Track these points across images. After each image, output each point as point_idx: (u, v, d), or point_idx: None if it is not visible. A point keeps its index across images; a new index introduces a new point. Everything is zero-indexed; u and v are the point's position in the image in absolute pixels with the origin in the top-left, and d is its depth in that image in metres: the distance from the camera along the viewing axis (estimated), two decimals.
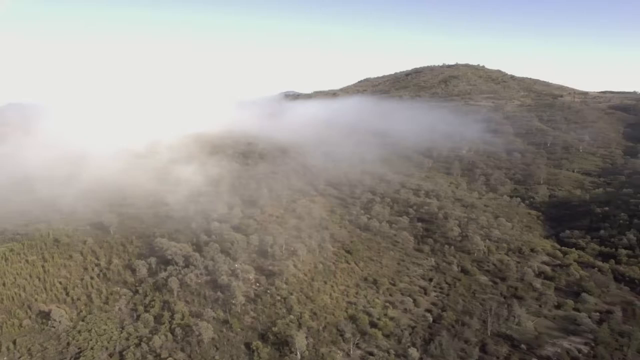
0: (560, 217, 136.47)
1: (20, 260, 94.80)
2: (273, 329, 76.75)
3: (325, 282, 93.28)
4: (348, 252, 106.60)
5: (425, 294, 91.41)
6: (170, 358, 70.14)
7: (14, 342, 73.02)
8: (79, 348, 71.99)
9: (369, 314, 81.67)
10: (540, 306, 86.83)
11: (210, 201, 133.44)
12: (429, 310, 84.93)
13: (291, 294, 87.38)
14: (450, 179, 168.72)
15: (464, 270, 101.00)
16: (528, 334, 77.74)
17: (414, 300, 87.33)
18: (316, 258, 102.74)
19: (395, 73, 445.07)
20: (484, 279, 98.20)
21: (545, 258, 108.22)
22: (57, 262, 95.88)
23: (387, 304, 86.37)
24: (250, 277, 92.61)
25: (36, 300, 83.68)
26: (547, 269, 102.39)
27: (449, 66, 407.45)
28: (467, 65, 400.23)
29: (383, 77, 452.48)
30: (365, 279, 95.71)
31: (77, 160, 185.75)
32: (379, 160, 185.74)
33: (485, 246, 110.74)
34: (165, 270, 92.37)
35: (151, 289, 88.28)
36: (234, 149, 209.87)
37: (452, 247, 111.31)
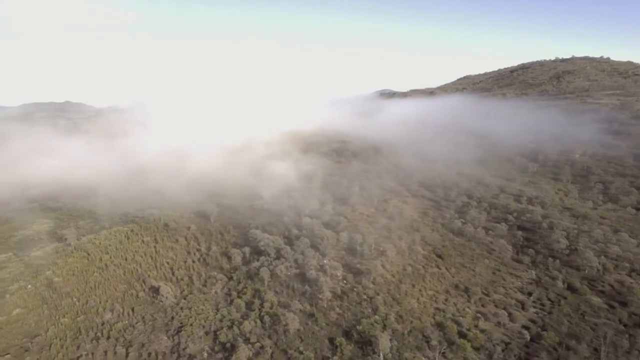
0: None
1: (137, 240, 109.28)
2: (357, 327, 77.73)
3: (413, 286, 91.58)
4: (439, 256, 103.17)
5: (523, 308, 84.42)
6: (258, 343, 75.10)
7: (133, 310, 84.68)
8: (181, 323, 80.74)
9: (458, 323, 78.33)
10: None
11: (303, 197, 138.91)
12: (526, 327, 78.41)
13: (378, 294, 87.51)
14: (558, 186, 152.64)
15: (571, 288, 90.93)
16: None
17: (509, 315, 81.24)
18: (405, 260, 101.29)
19: (499, 70, 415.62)
20: (597, 300, 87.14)
21: None
22: (166, 244, 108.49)
23: (479, 315, 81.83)
24: (338, 273, 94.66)
25: (149, 276, 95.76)
26: None
27: (563, 60, 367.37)
28: (586, 59, 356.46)
29: (485, 74, 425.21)
30: (456, 286, 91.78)
31: (183, 155, 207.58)
32: (476, 162, 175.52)
33: (599, 263, 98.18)
34: (257, 260, 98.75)
35: (244, 276, 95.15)
36: (327, 147, 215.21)
37: (558, 260, 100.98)
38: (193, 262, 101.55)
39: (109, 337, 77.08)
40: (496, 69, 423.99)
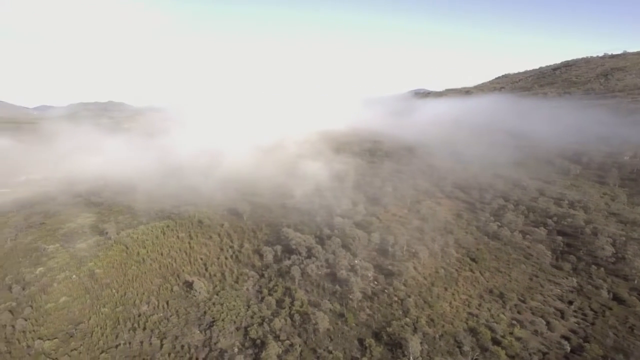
0: None
1: (173, 236, 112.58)
2: (387, 329, 76.88)
3: (446, 289, 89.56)
4: (473, 260, 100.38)
5: (563, 317, 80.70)
6: (287, 341, 75.70)
7: (167, 303, 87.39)
8: (213, 318, 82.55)
9: (492, 330, 75.90)
10: None
11: (335, 196, 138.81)
12: (566, 338, 74.93)
13: (409, 296, 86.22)
14: (603, 189, 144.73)
15: (617, 299, 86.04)
16: None
17: (548, 323, 77.86)
18: (438, 262, 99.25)
19: (540, 68, 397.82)
20: None
21: None
22: (200, 240, 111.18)
23: (514, 322, 78.97)
24: (369, 274, 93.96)
25: (183, 271, 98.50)
26: None
27: (613, 56, 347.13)
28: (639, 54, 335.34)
29: (525, 72, 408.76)
30: (491, 291, 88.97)
31: (217, 153, 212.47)
32: (513, 163, 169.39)
33: None
34: (289, 258, 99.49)
35: (275, 274, 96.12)
36: (360, 147, 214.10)
37: (602, 268, 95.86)
38: (226, 258, 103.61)
39: (144, 328, 79.96)
40: (537, 67, 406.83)
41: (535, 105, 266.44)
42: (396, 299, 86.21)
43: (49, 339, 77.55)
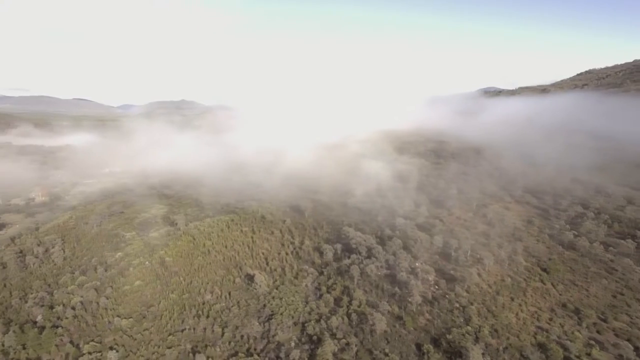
0: None
1: (237, 230, 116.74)
2: (447, 336, 73.89)
3: (512, 299, 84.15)
4: (544, 270, 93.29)
5: None
6: (344, 339, 75.40)
7: (229, 294, 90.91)
8: (272, 311, 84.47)
9: (565, 348, 69.95)
10: None
11: (397, 197, 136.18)
12: None
13: (471, 303, 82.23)
14: None
15: None
16: None
17: (636, 349, 69.96)
18: (504, 270, 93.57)
19: (635, 61, 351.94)
20: None
21: None
22: (262, 235, 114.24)
23: (592, 342, 72.10)
24: (430, 278, 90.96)
25: (245, 264, 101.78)
26: None
27: None
28: None
29: (614, 67, 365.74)
30: (564, 306, 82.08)
31: (280, 151, 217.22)
32: (595, 167, 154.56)
33: None
34: (349, 257, 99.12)
35: (334, 272, 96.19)
36: (424, 147, 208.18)
37: None
38: (286, 254, 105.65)
39: (208, 316, 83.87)
40: (631, 60, 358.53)
41: (625, 104, 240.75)
42: (457, 305, 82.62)
43: (125, 318, 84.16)
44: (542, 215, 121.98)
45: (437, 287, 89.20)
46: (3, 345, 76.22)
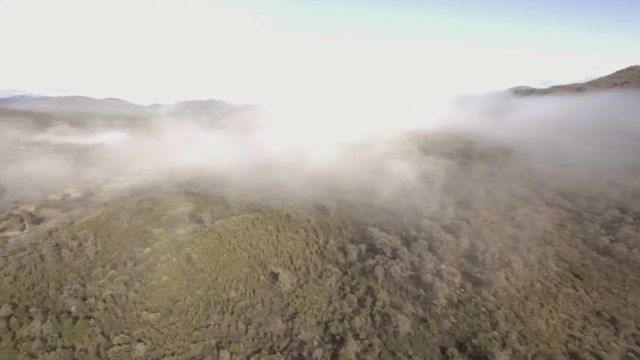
0: None
1: (262, 228, 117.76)
2: (473, 340, 72.27)
3: (542, 305, 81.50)
4: (577, 276, 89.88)
5: None
6: (367, 340, 74.89)
7: (254, 291, 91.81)
8: (295, 310, 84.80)
9: (600, 359, 67.15)
10: None
11: (423, 198, 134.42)
12: None
13: (498, 308, 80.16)
14: None
15: None
16: None
17: None
18: (534, 275, 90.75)
19: None
20: None
21: None
22: (286, 234, 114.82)
23: (631, 354, 68.85)
24: (456, 280, 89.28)
25: (269, 262, 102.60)
26: None
27: None
28: None
29: None
30: (598, 314, 78.87)
31: (305, 150, 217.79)
32: (634, 170, 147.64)
33: None
34: (373, 258, 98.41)
35: (359, 272, 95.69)
36: (451, 147, 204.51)
37: None
38: (311, 253, 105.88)
39: (232, 313, 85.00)
40: None
41: None
42: (484, 309, 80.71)
43: (152, 312, 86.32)
44: (575, 219, 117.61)
45: (462, 290, 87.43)
46: (42, 332, 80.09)
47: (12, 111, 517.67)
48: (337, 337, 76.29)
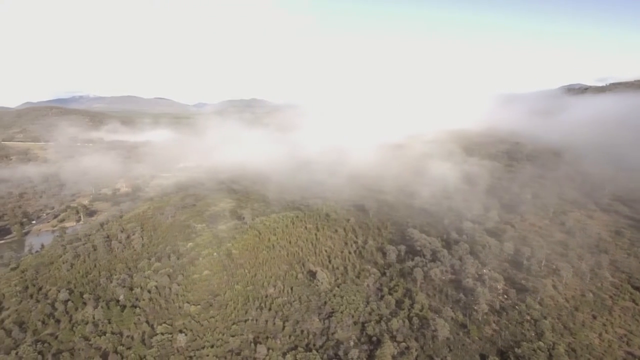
0: None
1: (301, 226, 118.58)
2: (516, 349, 69.09)
3: (595, 317, 76.49)
4: (636, 288, 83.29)
5: None
6: (404, 343, 73.51)
7: (292, 289, 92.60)
8: (332, 309, 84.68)
9: None
10: None
11: (465, 200, 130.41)
12: None
13: (545, 317, 76.08)
14: None
15: None
16: None
17: None
18: (585, 285, 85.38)
19: None
20: None
21: None
22: (325, 233, 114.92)
23: None
24: (498, 286, 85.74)
25: (308, 260, 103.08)
26: None
27: None
28: None
29: None
30: None
31: (344, 150, 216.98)
32: None
33: None
34: (412, 259, 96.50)
35: (397, 274, 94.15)
36: (496, 148, 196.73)
37: None
38: (349, 253, 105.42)
39: (270, 309, 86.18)
40: None
41: None
42: (529, 318, 76.94)
43: (194, 304, 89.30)
44: (635, 227, 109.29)
45: (506, 296, 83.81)
46: (94, 318, 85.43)
47: (71, 110, 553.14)
48: (374, 338, 75.47)
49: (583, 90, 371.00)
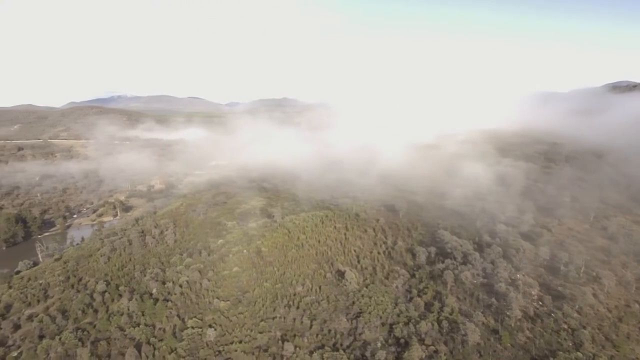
0: None
1: (330, 225, 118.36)
2: (551, 359, 66.38)
3: None
4: None
5: None
6: (432, 346, 72.07)
7: (320, 288, 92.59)
8: (360, 309, 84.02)
9: None
10: None
11: (499, 202, 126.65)
12: None
13: (584, 327, 72.75)
14: None
15: None
16: None
17: None
18: (630, 294, 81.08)
19: None
20: None
21: None
22: (355, 233, 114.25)
23: None
24: (533, 292, 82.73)
25: (336, 260, 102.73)
26: None
27: None
28: None
29: None
30: None
31: (374, 149, 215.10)
32: None
33: None
34: (442, 262, 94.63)
35: (427, 276, 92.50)
36: (532, 149, 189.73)
37: None
38: (378, 253, 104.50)
39: (298, 307, 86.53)
40: None
41: None
42: (566, 326, 73.80)
43: (223, 300, 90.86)
44: None
45: (541, 303, 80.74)
46: (129, 309, 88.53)
47: (110, 109, 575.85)
48: (402, 341, 74.42)
49: (631, 87, 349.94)
